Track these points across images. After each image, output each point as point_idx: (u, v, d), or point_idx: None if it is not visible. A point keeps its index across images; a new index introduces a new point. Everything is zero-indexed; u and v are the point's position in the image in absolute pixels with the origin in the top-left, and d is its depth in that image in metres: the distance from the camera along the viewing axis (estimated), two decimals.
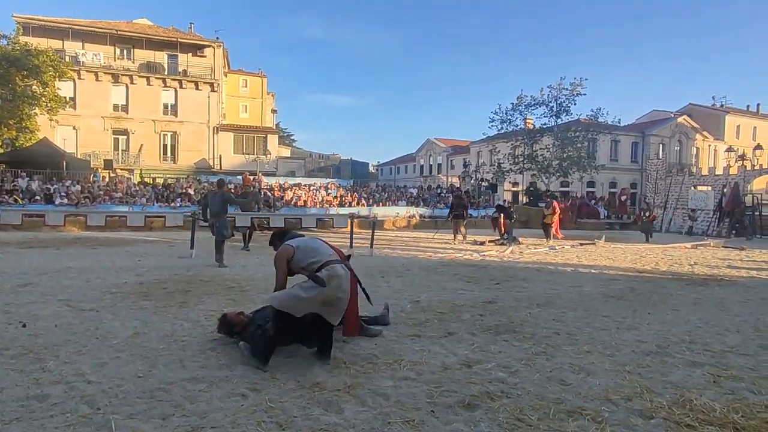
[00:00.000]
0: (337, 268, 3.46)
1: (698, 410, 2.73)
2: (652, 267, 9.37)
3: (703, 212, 21.54)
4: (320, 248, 3.66)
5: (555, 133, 28.54)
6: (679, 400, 2.88)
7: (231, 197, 8.82)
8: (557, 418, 2.61)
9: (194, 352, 3.58)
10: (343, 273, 3.49)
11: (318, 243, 3.75)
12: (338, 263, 3.52)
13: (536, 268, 8.90)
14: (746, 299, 6.23)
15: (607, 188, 34.39)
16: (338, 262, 3.53)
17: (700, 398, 2.90)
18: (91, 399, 2.72)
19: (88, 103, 28.45)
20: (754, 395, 3.01)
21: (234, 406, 2.67)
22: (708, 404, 2.81)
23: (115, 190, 19.54)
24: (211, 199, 8.44)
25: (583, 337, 4.25)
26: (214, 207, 8.30)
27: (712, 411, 2.72)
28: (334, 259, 3.54)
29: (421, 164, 53.79)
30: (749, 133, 40.54)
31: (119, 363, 3.32)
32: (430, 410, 2.68)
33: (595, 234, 17.64)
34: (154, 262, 8.60)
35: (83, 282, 6.36)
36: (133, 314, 4.69)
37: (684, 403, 2.84)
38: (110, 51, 29.54)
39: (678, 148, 37.50)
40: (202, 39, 32.03)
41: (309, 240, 3.84)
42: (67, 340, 3.81)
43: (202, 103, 30.70)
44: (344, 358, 3.53)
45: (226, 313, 4.08)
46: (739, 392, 3.05)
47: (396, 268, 8.29)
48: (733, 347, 4.06)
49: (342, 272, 3.48)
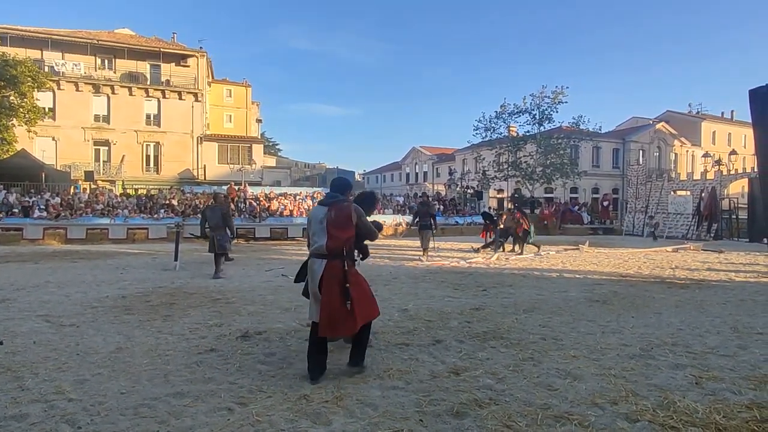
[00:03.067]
0: (313, 261, 3.37)
1: (681, 412, 2.78)
2: (634, 271, 9.53)
3: (682, 216, 22.04)
4: (317, 233, 3.39)
5: (538, 140, 28.96)
6: (663, 402, 2.93)
7: (229, 211, 8.83)
8: (545, 424, 2.63)
9: (179, 367, 3.52)
10: (316, 268, 3.33)
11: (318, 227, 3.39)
12: (316, 256, 3.37)
13: (522, 274, 8.98)
14: (725, 301, 6.38)
15: (589, 194, 34.96)
16: (318, 255, 3.36)
17: (683, 400, 2.95)
18: (72, 417, 2.65)
19: (68, 113, 27.95)
20: (734, 395, 3.07)
21: (220, 421, 2.63)
22: (691, 406, 2.86)
23: (97, 202, 19.16)
24: (210, 213, 8.42)
25: (569, 342, 4.30)
26: (213, 221, 8.30)
27: (694, 412, 2.77)
28: (315, 250, 3.37)
29: (407, 172, 54.04)
30: (725, 138, 41.79)
31: (101, 379, 3.24)
32: (418, 419, 2.68)
33: (579, 240, 17.89)
34: (136, 275, 8.44)
35: (63, 297, 6.21)
36: (116, 329, 4.59)
37: (668, 405, 2.88)
38: (91, 61, 29.14)
39: (657, 154, 38.41)
40: (185, 49, 31.83)
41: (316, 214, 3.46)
42: (46, 356, 3.71)
43: (185, 113, 30.42)
44: (332, 368, 3.51)
45: None
46: (720, 393, 3.11)
47: (383, 277, 8.28)
48: (714, 348, 4.15)
49: (315, 267, 3.34)
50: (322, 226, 3.37)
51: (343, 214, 3.38)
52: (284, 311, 5.50)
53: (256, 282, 7.70)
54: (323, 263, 3.32)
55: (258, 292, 6.71)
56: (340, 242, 3.34)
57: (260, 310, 5.52)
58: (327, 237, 3.33)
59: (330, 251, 3.32)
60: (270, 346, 4.10)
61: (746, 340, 4.42)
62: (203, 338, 4.31)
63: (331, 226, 3.34)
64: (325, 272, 3.30)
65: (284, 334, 4.46)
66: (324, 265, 3.32)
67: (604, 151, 37.01)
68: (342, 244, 3.35)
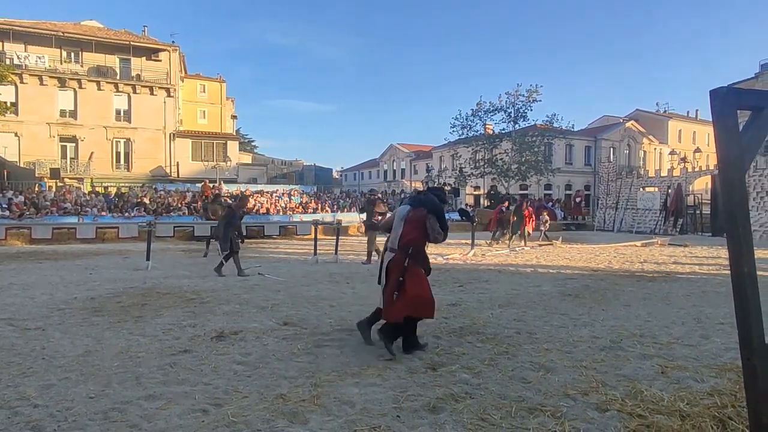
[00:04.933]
0: (387, 254, 3.92)
1: (648, 401, 2.89)
2: (605, 266, 9.82)
3: (650, 212, 22.82)
4: (396, 227, 3.95)
5: (513, 138, 29.44)
6: (631, 391, 3.04)
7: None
8: (519, 416, 2.69)
9: (151, 369, 3.44)
10: (385, 258, 3.91)
11: (397, 222, 3.98)
12: (388, 251, 3.92)
13: (498, 269, 9.13)
14: (689, 293, 6.65)
15: (563, 190, 35.79)
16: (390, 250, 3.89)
17: (650, 389, 3.07)
18: (38, 424, 2.55)
19: (31, 108, 26.80)
20: (697, 383, 3.21)
21: (194, 423, 2.58)
22: (657, 394, 2.98)
23: (64, 201, 18.47)
24: (232, 216, 8.57)
25: (542, 336, 4.40)
26: (235, 221, 8.51)
27: (660, 401, 2.88)
28: (389, 245, 3.94)
29: (385, 169, 54.06)
30: (690, 137, 43.39)
31: (68, 384, 3.14)
32: (395, 415, 2.70)
33: (552, 235, 18.31)
34: (107, 275, 8.19)
35: (27, 299, 5.97)
36: (84, 331, 4.44)
37: (635, 394, 2.99)
38: (56, 54, 27.98)
39: (627, 152, 39.58)
40: (156, 43, 30.93)
41: (399, 211, 4.07)
42: (9, 361, 3.57)
43: (157, 109, 29.59)
44: (307, 366, 3.49)
45: None
46: (684, 381, 3.24)
47: (361, 274, 8.28)
48: (678, 338, 4.32)
49: (384, 257, 3.94)
50: (400, 223, 3.92)
51: (418, 215, 3.86)
52: (260, 310, 5.43)
53: (231, 281, 7.59)
54: (392, 256, 3.85)
55: (233, 291, 6.61)
56: (408, 240, 3.83)
57: (236, 310, 5.44)
58: (401, 233, 3.87)
59: (400, 247, 3.83)
60: (246, 345, 4.05)
61: (709, 330, 4.62)
62: (177, 339, 4.22)
63: (408, 224, 3.86)
64: (390, 264, 3.84)
65: (260, 334, 4.41)
66: (391, 257, 3.85)
67: (576, 148, 37.90)
68: (409, 243, 3.82)
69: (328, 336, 4.34)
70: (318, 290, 6.74)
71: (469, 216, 5.75)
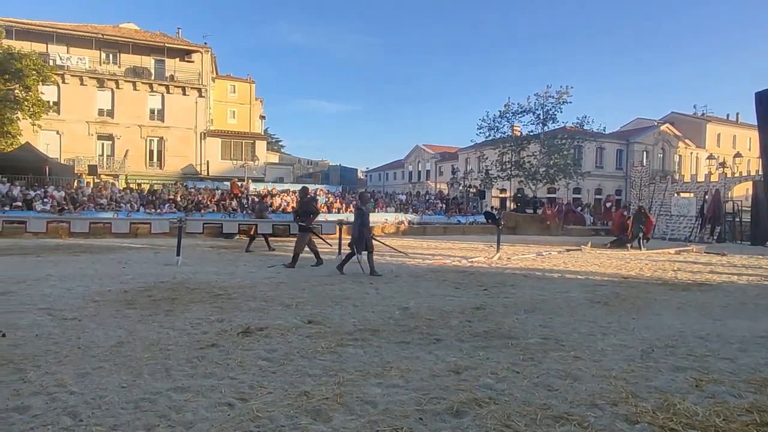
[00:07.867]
0: None
1: (681, 414, 2.77)
2: (636, 273, 9.51)
3: (685, 218, 21.98)
4: None
5: (542, 140, 28.92)
6: (663, 404, 2.93)
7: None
8: (544, 424, 2.63)
9: (180, 361, 3.53)
10: None
11: None
12: None
13: (524, 274, 8.97)
14: (726, 303, 6.36)
15: (592, 195, 34.91)
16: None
17: (683, 402, 2.95)
18: (73, 410, 2.66)
19: (72, 107, 28.04)
20: (734, 399, 3.06)
21: (221, 416, 2.64)
22: (690, 408, 2.86)
23: (100, 196, 19.22)
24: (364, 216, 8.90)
25: (569, 343, 4.29)
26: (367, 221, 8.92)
27: (694, 415, 2.77)
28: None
29: (410, 170, 54.02)
30: (729, 141, 41.61)
31: (102, 373, 3.26)
32: (418, 417, 2.68)
33: (581, 240, 17.86)
34: (139, 269, 8.47)
35: (65, 290, 6.23)
36: (117, 323, 4.61)
37: (667, 407, 2.88)
38: (96, 55, 29.20)
39: (661, 156, 38.28)
40: (189, 44, 31.87)
41: None
42: (47, 350, 3.73)
43: (189, 109, 30.47)
44: (332, 366, 3.52)
45: None
46: (720, 396, 3.10)
47: (385, 275, 8.29)
48: (714, 351, 4.13)
49: None
50: None
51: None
52: (285, 308, 5.51)
53: (258, 278, 7.72)
54: None
55: (259, 289, 6.72)
56: None
57: (261, 306, 5.54)
58: None
59: None
60: (271, 342, 4.11)
61: (747, 344, 4.40)
62: (205, 333, 4.33)
63: None
64: None
65: (285, 331, 4.47)
66: None
67: (607, 152, 36.92)
68: None
69: (351, 335, 4.37)
70: (342, 289, 6.78)
71: (495, 219, 5.67)
